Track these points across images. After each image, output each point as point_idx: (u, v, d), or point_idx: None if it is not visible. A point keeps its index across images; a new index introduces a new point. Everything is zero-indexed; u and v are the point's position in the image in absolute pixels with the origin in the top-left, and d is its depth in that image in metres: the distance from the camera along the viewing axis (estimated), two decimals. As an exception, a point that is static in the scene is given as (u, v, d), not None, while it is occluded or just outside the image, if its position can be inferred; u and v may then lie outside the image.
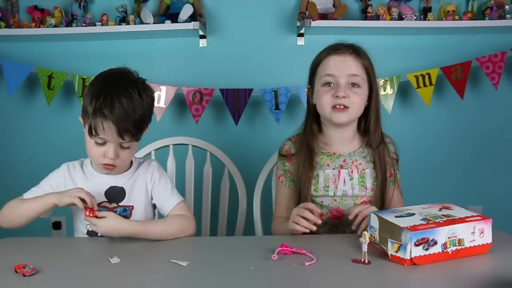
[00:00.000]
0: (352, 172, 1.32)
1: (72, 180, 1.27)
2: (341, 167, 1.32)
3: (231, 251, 1.12)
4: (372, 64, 1.33)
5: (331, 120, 1.29)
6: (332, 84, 1.28)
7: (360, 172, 1.32)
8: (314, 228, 1.15)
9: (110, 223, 1.13)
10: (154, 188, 1.30)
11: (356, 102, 1.27)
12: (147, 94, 1.20)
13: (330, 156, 1.34)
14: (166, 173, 1.36)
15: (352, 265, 0.98)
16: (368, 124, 1.34)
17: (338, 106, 1.26)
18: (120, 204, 1.26)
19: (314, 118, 1.37)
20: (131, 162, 1.32)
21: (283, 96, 2.25)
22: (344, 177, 1.31)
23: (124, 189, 1.27)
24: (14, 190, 2.55)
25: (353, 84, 1.28)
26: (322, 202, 1.32)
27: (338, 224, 1.31)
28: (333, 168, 1.32)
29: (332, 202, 1.31)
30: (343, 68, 1.27)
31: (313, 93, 1.35)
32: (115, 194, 1.26)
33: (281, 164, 1.40)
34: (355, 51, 1.30)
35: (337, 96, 1.25)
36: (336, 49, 1.30)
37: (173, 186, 1.33)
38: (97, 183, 1.26)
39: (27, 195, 1.26)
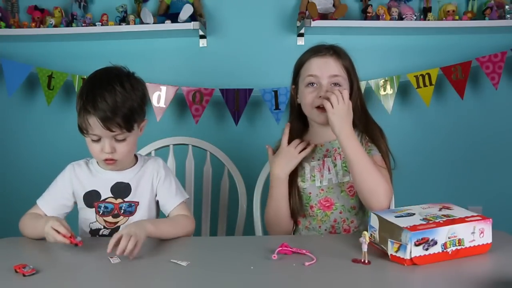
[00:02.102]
0: (335, 159, 1.36)
1: (78, 179, 1.29)
2: (325, 156, 1.37)
3: (231, 251, 1.12)
4: (352, 63, 1.37)
5: (314, 119, 1.36)
6: (315, 85, 1.33)
7: (343, 158, 1.34)
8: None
9: (131, 226, 1.10)
10: (159, 185, 1.32)
11: None
12: (133, 85, 1.22)
13: (313, 149, 1.38)
14: (171, 171, 1.39)
15: (352, 265, 0.98)
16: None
17: (321, 106, 1.29)
18: (126, 199, 1.27)
19: (298, 117, 1.42)
20: (137, 159, 1.34)
21: (283, 96, 2.25)
22: (328, 166, 1.36)
23: (130, 184, 1.29)
24: (15, 190, 2.55)
25: (335, 84, 1.32)
26: (310, 193, 1.36)
27: (328, 213, 1.35)
28: (318, 159, 1.37)
29: (320, 192, 1.35)
30: (325, 69, 1.32)
31: (297, 93, 1.40)
32: (121, 190, 1.28)
33: None
34: (336, 52, 1.35)
35: (320, 97, 1.29)
36: (317, 51, 1.35)
37: (177, 185, 1.35)
38: (103, 179, 1.28)
39: (40, 202, 1.28)
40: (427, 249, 0.97)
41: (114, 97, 1.17)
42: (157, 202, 1.34)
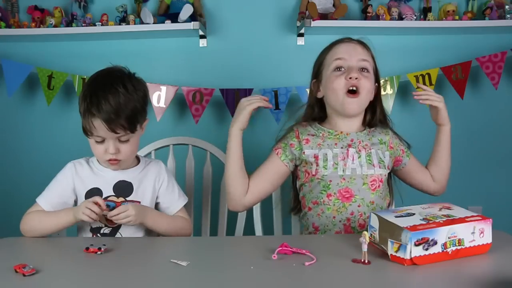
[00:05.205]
0: (360, 151, 1.33)
1: (79, 177, 1.29)
2: (349, 145, 1.33)
3: (231, 251, 1.12)
4: (374, 59, 1.39)
5: (345, 108, 1.31)
6: (343, 69, 1.31)
7: (367, 151, 1.33)
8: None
9: (137, 209, 1.21)
10: (161, 188, 1.35)
11: (367, 86, 1.30)
12: (135, 87, 1.24)
13: (338, 136, 1.35)
14: (172, 174, 1.43)
15: (352, 265, 0.98)
16: (374, 115, 1.41)
17: (351, 88, 1.28)
18: (128, 198, 1.29)
19: (312, 112, 1.42)
20: (138, 159, 1.36)
21: (283, 96, 2.25)
22: (352, 155, 1.31)
23: (132, 184, 1.30)
24: (15, 190, 2.54)
25: (363, 69, 1.31)
26: (331, 181, 1.30)
27: (346, 205, 1.30)
28: (341, 147, 1.33)
29: (341, 182, 1.30)
30: (354, 52, 1.32)
31: (319, 87, 1.38)
32: (123, 189, 1.29)
33: (290, 136, 1.39)
34: (362, 42, 1.37)
35: (350, 78, 1.28)
36: (344, 39, 1.37)
37: (179, 189, 1.39)
38: (106, 178, 1.30)
39: (40, 200, 1.27)
40: (427, 249, 0.97)
41: (117, 99, 1.18)
42: (156, 204, 1.36)
